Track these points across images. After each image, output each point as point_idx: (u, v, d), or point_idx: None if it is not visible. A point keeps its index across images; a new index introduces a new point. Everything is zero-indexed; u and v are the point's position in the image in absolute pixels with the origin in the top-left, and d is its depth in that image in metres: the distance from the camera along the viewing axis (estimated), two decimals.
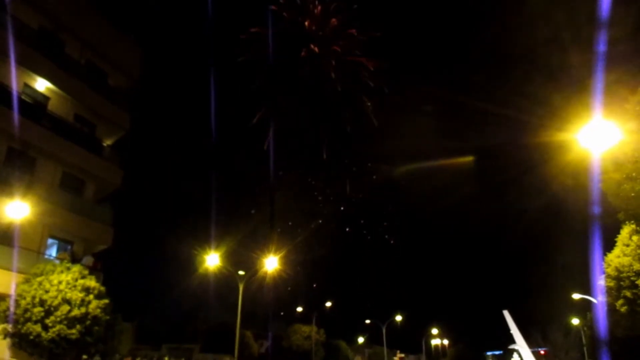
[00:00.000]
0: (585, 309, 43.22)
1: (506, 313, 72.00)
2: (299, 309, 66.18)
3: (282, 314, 66.26)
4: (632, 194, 17.43)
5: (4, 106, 24.05)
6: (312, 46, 62.50)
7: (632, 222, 19.29)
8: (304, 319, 59.30)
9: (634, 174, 17.07)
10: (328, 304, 67.17)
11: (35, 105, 26.83)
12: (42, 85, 27.22)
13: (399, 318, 74.21)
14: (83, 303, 19.67)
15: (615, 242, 20.67)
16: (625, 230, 20.02)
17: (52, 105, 27.86)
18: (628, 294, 19.17)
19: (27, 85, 26.70)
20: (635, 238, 19.28)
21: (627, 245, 19.59)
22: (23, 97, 25.86)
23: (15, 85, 24.74)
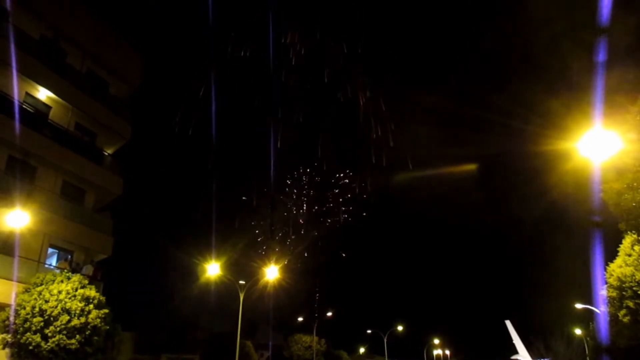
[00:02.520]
0: (587, 318, 43.02)
1: (508, 323, 71.76)
2: (300, 319, 65.91)
3: (282, 323, 65.99)
4: (634, 204, 17.39)
5: (6, 115, 24.10)
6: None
7: (634, 232, 19.20)
8: (304, 328, 59.05)
9: (634, 184, 17.05)
10: (329, 313, 66.90)
11: (36, 114, 26.88)
12: (43, 94, 27.29)
13: (400, 328, 73.88)
14: (83, 313, 19.60)
15: (617, 251, 20.57)
16: (627, 240, 19.92)
17: (53, 114, 27.92)
18: (630, 304, 19.04)
19: (28, 95, 26.77)
20: (637, 248, 19.17)
21: (629, 255, 19.47)
22: (24, 106, 25.92)
23: (16, 95, 24.81)
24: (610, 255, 21.08)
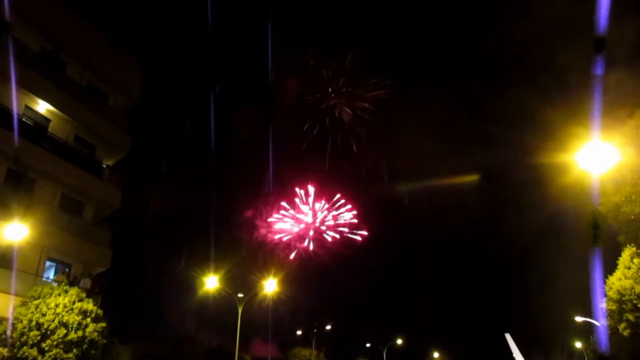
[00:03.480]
0: (588, 331, 42.79)
1: (508, 336, 71.24)
2: (299, 332, 65.52)
3: (281, 336, 65.58)
4: (632, 217, 17.40)
5: (5, 128, 24.08)
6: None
7: (633, 244, 19.18)
8: (303, 342, 58.71)
9: (633, 197, 17.08)
10: (328, 326, 66.57)
11: (35, 127, 26.90)
12: (43, 107, 27.32)
13: (399, 341, 73.51)
14: (80, 326, 19.49)
15: (617, 264, 20.53)
16: (626, 253, 19.89)
17: (52, 127, 27.93)
18: (631, 317, 18.97)
19: (28, 107, 26.79)
20: (636, 261, 19.14)
21: (629, 268, 19.44)
22: (24, 119, 25.94)
23: (16, 107, 24.81)
24: (610, 267, 21.04)
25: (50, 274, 27.50)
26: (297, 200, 73.80)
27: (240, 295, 34.73)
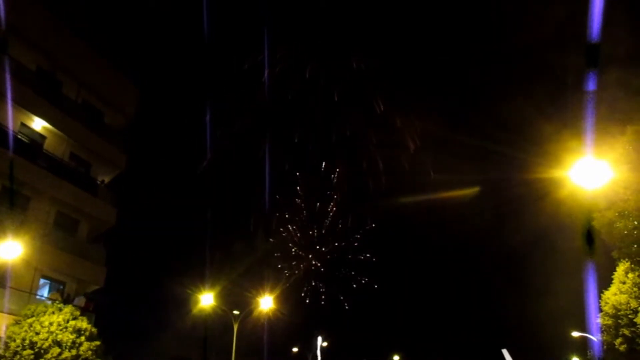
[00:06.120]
0: (585, 346, 42.68)
1: (505, 352, 70.88)
2: (295, 349, 65.04)
3: (276, 354, 65.07)
4: (625, 232, 17.50)
5: (0, 145, 24.10)
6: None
7: (627, 259, 19.24)
8: (299, 359, 58.25)
9: (626, 212, 17.20)
10: (324, 343, 66.13)
11: (31, 144, 26.93)
12: (38, 124, 27.37)
13: (396, 358, 73.06)
14: (74, 345, 19.32)
15: (612, 278, 20.56)
16: (621, 268, 19.92)
17: (48, 145, 27.97)
18: (626, 332, 18.93)
19: (24, 125, 26.85)
20: (631, 275, 19.17)
21: (624, 283, 19.47)
22: (19, 136, 25.97)
23: (11, 125, 24.85)
24: (605, 282, 21.06)
25: (44, 292, 27.30)
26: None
27: (235, 312, 34.54)
